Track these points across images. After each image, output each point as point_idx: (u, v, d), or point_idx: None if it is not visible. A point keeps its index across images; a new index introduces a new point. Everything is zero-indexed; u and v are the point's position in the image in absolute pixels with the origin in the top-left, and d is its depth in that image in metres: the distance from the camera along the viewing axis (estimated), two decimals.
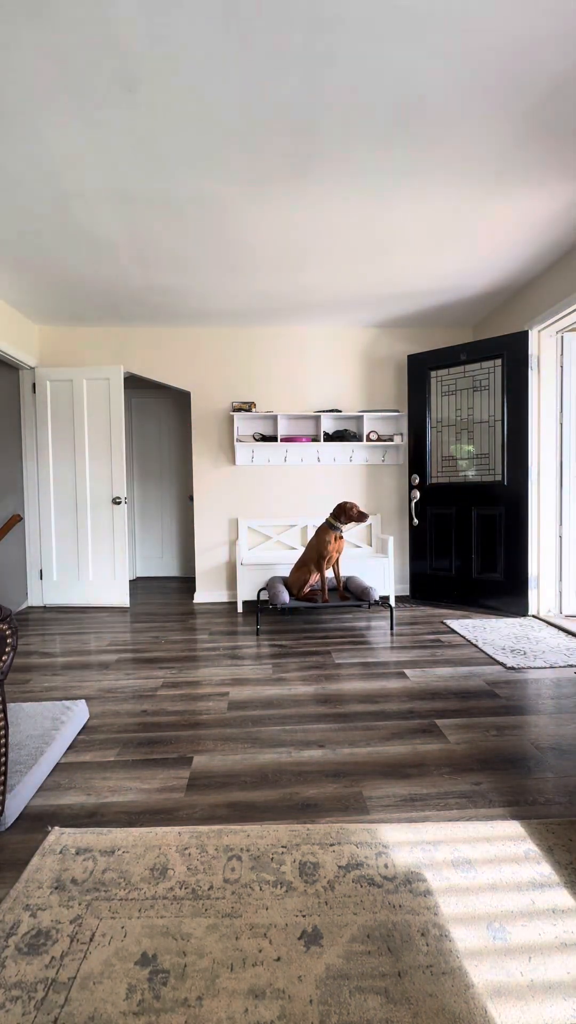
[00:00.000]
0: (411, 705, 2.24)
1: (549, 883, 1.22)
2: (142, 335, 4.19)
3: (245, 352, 4.26)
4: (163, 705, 2.28)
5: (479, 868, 1.27)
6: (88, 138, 1.94)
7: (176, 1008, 0.95)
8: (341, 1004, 0.95)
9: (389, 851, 1.33)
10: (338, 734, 1.99)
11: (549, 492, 3.57)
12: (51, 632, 3.49)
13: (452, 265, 3.12)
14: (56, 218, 2.49)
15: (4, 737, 1.43)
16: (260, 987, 0.98)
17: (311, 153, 2.04)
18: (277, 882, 1.23)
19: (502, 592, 3.70)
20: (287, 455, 4.28)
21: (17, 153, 2.01)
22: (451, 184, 2.27)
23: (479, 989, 0.97)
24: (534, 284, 3.39)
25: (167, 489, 5.48)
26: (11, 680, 2.59)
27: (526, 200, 2.41)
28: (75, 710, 2.07)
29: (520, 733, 1.98)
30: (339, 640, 3.18)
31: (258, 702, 2.29)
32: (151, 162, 2.08)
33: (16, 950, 1.07)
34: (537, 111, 1.84)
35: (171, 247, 2.81)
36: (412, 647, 3.02)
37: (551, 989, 0.97)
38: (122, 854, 1.34)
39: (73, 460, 4.08)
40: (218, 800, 1.58)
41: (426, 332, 4.34)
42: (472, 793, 1.60)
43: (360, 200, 2.38)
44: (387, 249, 2.89)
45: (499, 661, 2.74)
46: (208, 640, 3.25)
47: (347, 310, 3.87)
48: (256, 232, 2.67)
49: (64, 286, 3.32)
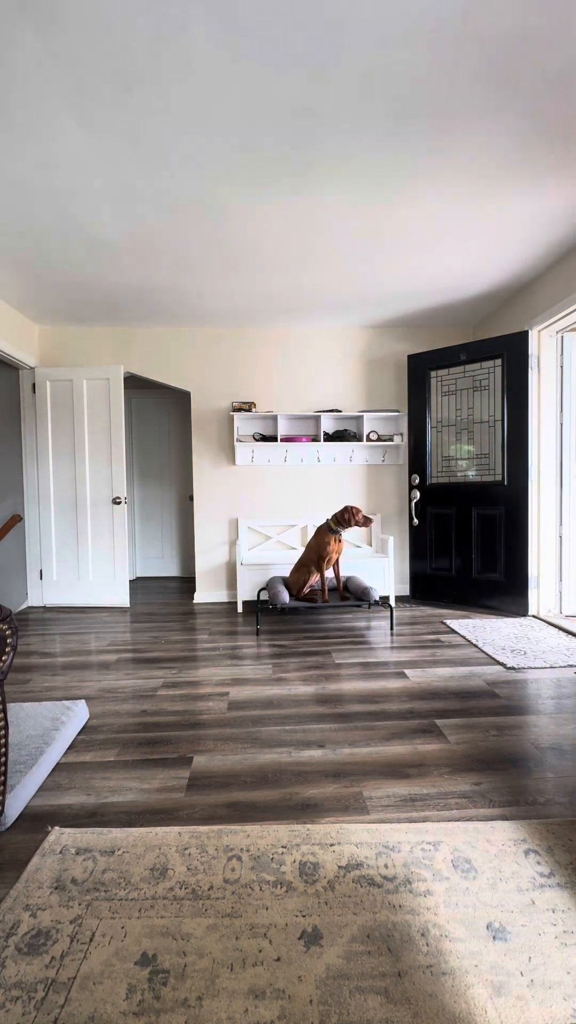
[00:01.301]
0: (411, 705, 2.24)
1: (549, 883, 1.22)
2: (142, 335, 4.19)
3: (245, 352, 4.26)
4: (163, 705, 2.28)
5: (479, 868, 1.27)
6: (88, 138, 1.94)
7: (176, 1008, 0.95)
8: (341, 1004, 0.95)
9: (389, 851, 1.33)
10: (338, 734, 1.99)
11: (549, 492, 3.57)
12: (51, 632, 3.49)
13: (452, 265, 3.12)
14: (56, 218, 2.49)
15: (4, 737, 1.43)
16: (260, 987, 0.98)
17: (311, 153, 2.04)
18: (277, 882, 1.23)
19: (502, 592, 3.70)
20: (287, 455, 4.28)
21: (17, 153, 2.01)
22: (451, 184, 2.27)
23: (479, 989, 0.97)
24: (534, 284, 3.39)
25: (167, 489, 5.48)
26: (11, 680, 2.59)
27: (526, 200, 2.41)
28: (75, 710, 2.07)
29: (520, 733, 1.98)
30: (339, 640, 3.18)
31: (258, 702, 2.29)
32: (151, 162, 2.08)
33: (16, 950, 1.07)
34: (537, 110, 1.84)
35: (171, 247, 2.81)
36: (412, 647, 3.02)
37: (551, 989, 0.97)
38: (122, 854, 1.34)
39: (73, 460, 4.08)
40: (218, 800, 1.58)
41: (426, 332, 4.34)
42: (472, 793, 1.60)
43: (360, 200, 2.38)
44: (387, 249, 2.89)
45: (499, 661, 2.74)
46: (208, 640, 3.25)
47: (347, 310, 3.87)
48: (256, 232, 2.67)
49: (64, 286, 3.32)
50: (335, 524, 3.33)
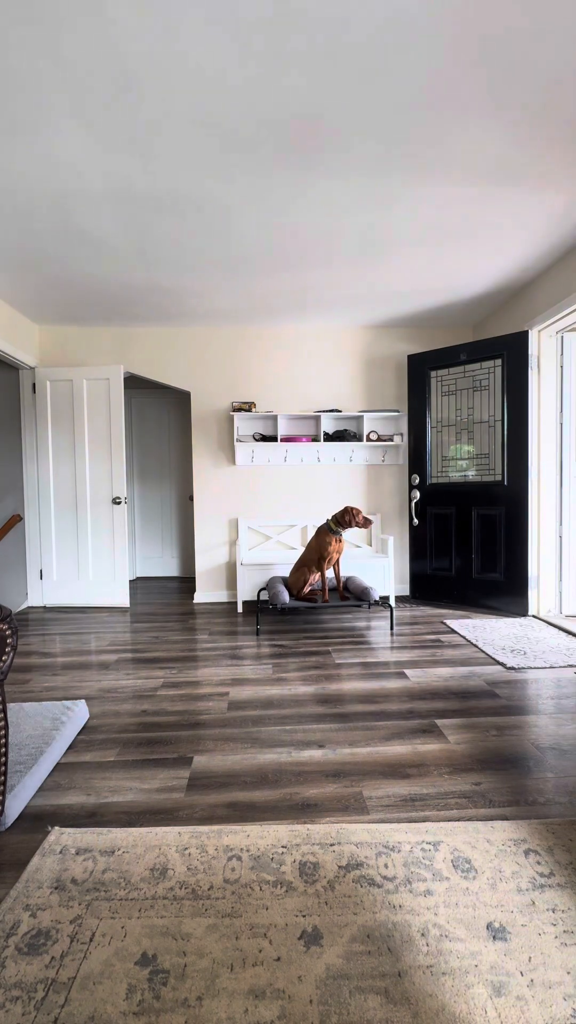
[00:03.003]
0: (411, 705, 2.24)
1: (549, 883, 1.22)
2: (142, 335, 4.19)
3: (245, 352, 4.26)
4: (163, 705, 2.28)
5: (479, 868, 1.27)
6: (88, 138, 1.94)
7: (176, 1008, 0.95)
8: (341, 1004, 0.95)
9: (389, 851, 1.33)
10: (338, 734, 1.99)
11: (549, 492, 3.57)
12: (51, 632, 3.49)
13: (452, 265, 3.12)
14: (56, 218, 2.49)
15: (4, 737, 1.43)
16: (260, 987, 0.98)
17: (311, 153, 2.04)
18: (277, 882, 1.23)
19: (502, 592, 3.70)
20: (287, 455, 4.28)
21: (18, 153, 2.01)
22: (451, 184, 2.27)
23: (479, 989, 0.97)
24: (534, 284, 3.39)
25: (167, 489, 5.48)
26: (11, 680, 2.59)
27: (526, 200, 2.41)
28: (75, 710, 2.07)
29: (520, 733, 1.98)
30: (339, 640, 3.17)
31: (258, 702, 2.29)
32: (151, 162, 2.08)
33: (16, 950, 1.07)
34: (537, 109, 1.84)
35: (171, 247, 2.81)
36: (412, 647, 3.01)
37: (551, 989, 0.97)
38: (122, 854, 1.34)
39: (73, 460, 4.08)
40: (218, 800, 1.58)
41: (426, 332, 4.34)
42: (472, 793, 1.60)
43: (360, 200, 2.38)
44: (387, 249, 2.89)
45: (499, 661, 2.74)
46: (208, 640, 3.25)
47: (347, 310, 3.87)
48: (256, 232, 2.66)
49: (64, 286, 3.32)
50: (335, 525, 3.33)
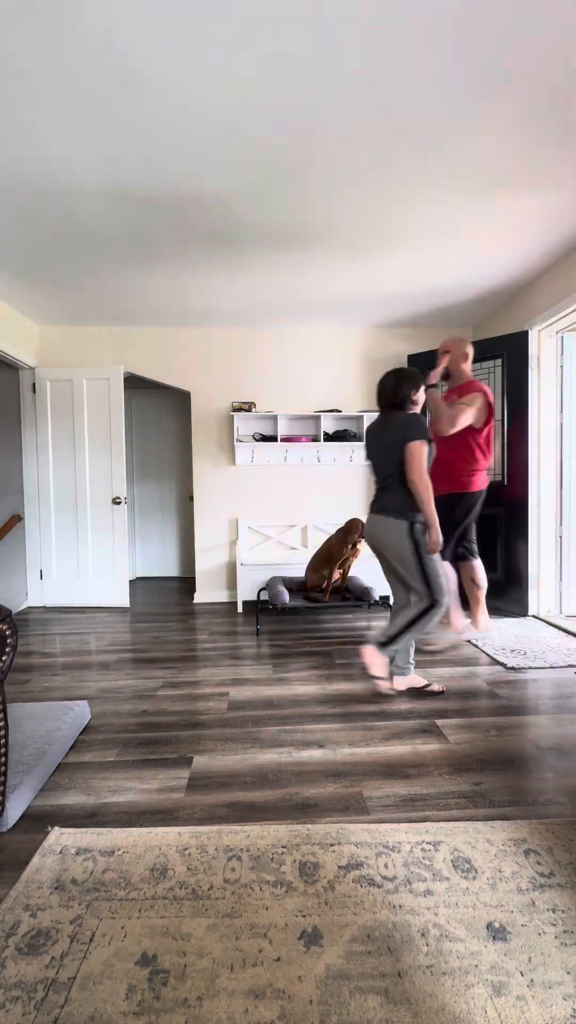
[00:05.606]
0: (411, 705, 2.24)
1: (549, 883, 1.22)
2: (142, 335, 4.19)
3: (245, 352, 4.26)
4: (163, 705, 2.28)
5: (479, 868, 1.27)
6: (88, 138, 1.94)
7: (176, 1008, 0.95)
8: (341, 1004, 0.95)
9: (389, 851, 1.33)
10: (338, 734, 1.99)
11: (549, 492, 3.57)
12: (51, 632, 3.49)
13: (452, 265, 3.12)
14: (56, 218, 2.49)
15: (5, 738, 1.43)
16: (260, 987, 0.98)
17: (311, 153, 2.04)
18: (277, 882, 1.23)
19: (502, 592, 3.70)
20: (287, 455, 4.28)
21: (17, 153, 2.01)
22: (451, 184, 2.27)
23: (479, 989, 0.97)
24: (534, 284, 3.39)
25: (167, 489, 5.48)
26: (11, 680, 2.59)
27: (526, 200, 2.41)
28: (76, 710, 2.07)
29: (520, 733, 1.98)
30: (339, 640, 3.17)
31: (258, 702, 2.29)
32: (151, 162, 2.08)
33: (16, 950, 1.07)
34: (537, 110, 1.84)
35: (171, 247, 2.81)
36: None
37: (551, 989, 0.97)
38: (122, 854, 1.34)
39: (73, 460, 4.08)
40: (218, 800, 1.58)
41: (426, 332, 4.34)
42: (472, 793, 1.60)
43: (360, 200, 2.38)
44: (387, 249, 2.89)
45: (499, 661, 2.73)
46: (208, 640, 3.25)
47: (347, 310, 3.87)
48: (256, 232, 2.66)
49: (64, 286, 3.32)
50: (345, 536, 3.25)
